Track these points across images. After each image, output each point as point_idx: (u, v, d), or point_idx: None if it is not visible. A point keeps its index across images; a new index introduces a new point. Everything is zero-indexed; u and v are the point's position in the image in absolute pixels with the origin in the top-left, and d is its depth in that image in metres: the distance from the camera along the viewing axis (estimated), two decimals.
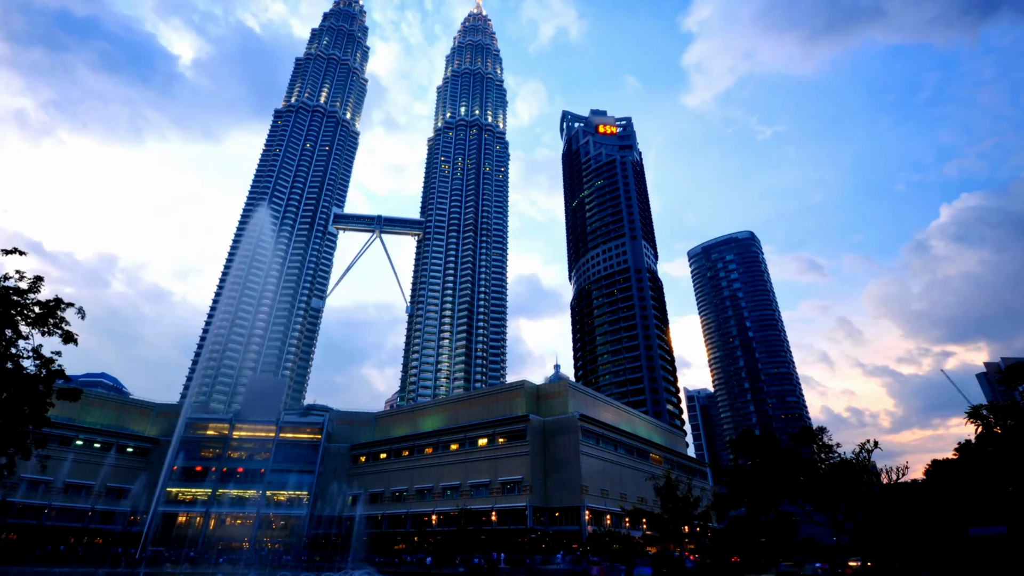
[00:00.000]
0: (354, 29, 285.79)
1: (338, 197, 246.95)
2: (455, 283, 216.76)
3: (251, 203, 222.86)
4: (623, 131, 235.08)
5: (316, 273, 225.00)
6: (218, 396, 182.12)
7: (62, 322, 27.03)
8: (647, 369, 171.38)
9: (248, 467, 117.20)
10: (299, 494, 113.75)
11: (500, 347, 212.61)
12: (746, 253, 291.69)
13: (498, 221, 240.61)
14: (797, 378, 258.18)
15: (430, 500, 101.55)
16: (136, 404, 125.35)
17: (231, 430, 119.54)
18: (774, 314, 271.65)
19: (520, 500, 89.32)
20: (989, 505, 47.53)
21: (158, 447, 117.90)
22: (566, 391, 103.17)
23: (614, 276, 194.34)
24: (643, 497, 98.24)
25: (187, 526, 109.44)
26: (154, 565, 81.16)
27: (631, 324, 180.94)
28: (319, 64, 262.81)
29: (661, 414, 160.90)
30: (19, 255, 26.33)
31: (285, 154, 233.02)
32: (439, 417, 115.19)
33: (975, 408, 48.78)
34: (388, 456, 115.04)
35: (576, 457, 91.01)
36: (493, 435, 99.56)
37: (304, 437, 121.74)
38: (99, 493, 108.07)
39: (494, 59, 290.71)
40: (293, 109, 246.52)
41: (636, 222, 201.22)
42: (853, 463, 59.60)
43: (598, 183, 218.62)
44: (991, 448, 47.77)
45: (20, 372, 26.55)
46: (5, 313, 25.71)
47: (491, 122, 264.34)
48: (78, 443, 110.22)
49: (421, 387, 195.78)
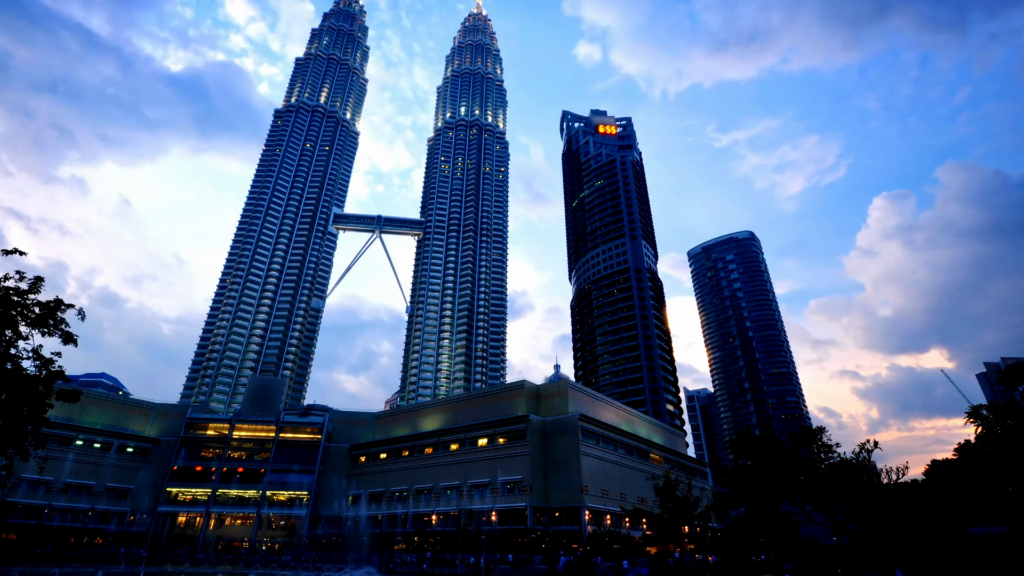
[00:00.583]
0: (354, 29, 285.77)
1: (338, 197, 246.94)
2: (455, 283, 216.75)
3: (251, 203, 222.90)
4: (623, 131, 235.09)
5: (316, 273, 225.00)
6: (218, 396, 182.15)
7: (62, 323, 27.02)
8: (647, 369, 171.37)
9: (248, 467, 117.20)
10: (299, 494, 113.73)
11: (500, 347, 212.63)
12: (746, 253, 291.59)
13: (498, 221, 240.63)
14: (797, 378, 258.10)
15: (430, 500, 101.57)
16: (136, 404, 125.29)
17: (231, 430, 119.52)
18: (774, 314, 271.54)
19: (520, 500, 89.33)
20: (989, 505, 47.55)
21: (158, 447, 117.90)
22: (566, 391, 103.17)
23: (614, 276, 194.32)
24: (643, 497, 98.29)
25: (187, 526, 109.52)
26: (154, 565, 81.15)
27: (631, 324, 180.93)
28: (319, 64, 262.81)
29: (661, 414, 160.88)
30: (19, 255, 26.37)
31: (285, 154, 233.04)
32: (439, 417, 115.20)
33: (975, 408, 48.78)
34: (388, 456, 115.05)
35: (576, 457, 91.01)
36: (493, 435, 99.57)
37: (304, 437, 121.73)
38: (99, 493, 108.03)
39: (494, 59, 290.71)
40: (293, 109, 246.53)
41: (636, 222, 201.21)
42: (853, 463, 59.59)
43: (598, 183, 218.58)
44: (991, 448, 47.76)
45: (20, 372, 26.55)
46: (5, 313, 25.71)
47: (491, 122, 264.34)
48: (78, 443, 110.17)
49: (421, 387, 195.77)
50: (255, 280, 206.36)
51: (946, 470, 57.25)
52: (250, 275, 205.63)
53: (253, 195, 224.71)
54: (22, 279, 26.33)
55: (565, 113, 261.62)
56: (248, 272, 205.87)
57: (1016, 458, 43.96)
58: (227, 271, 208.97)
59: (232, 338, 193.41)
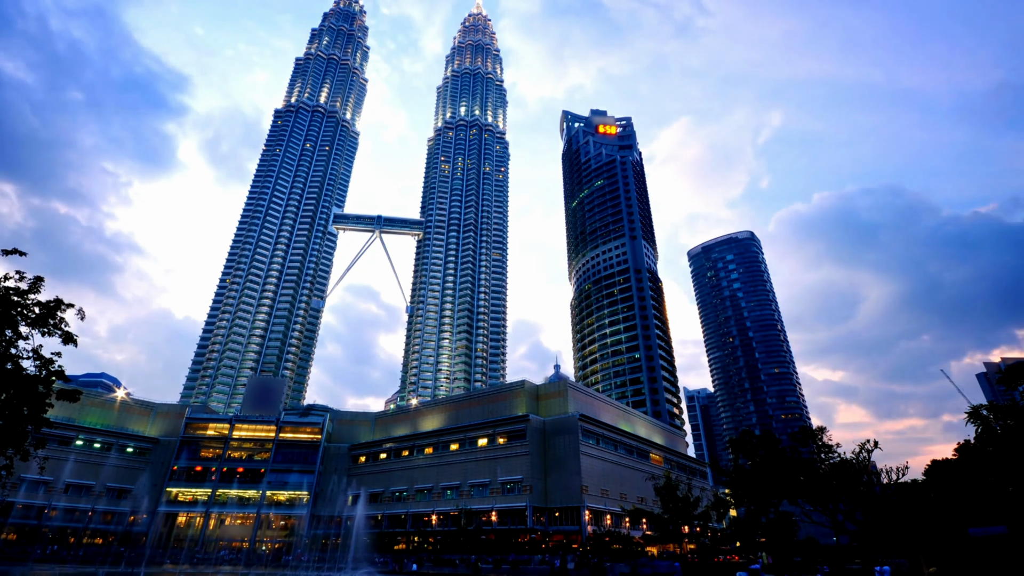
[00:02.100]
0: (354, 29, 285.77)
1: (338, 197, 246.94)
2: (455, 283, 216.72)
3: (251, 202, 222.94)
4: (623, 131, 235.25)
5: (316, 273, 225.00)
6: (218, 396, 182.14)
7: (62, 323, 27.01)
8: (647, 369, 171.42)
9: (248, 467, 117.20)
10: (299, 494, 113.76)
11: (500, 347, 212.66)
12: (746, 253, 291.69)
13: (498, 221, 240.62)
14: (797, 378, 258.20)
15: (430, 500, 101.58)
16: (136, 404, 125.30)
17: (231, 430, 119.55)
18: (774, 314, 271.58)
19: (520, 500, 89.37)
20: (989, 505, 47.52)
21: (158, 447, 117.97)
22: (566, 391, 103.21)
23: (614, 276, 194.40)
24: (643, 497, 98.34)
25: (187, 526, 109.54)
26: (154, 565, 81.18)
27: (631, 324, 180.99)
28: (319, 64, 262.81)
29: (661, 414, 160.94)
30: (19, 255, 26.36)
31: (285, 154, 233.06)
32: (439, 417, 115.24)
33: (975, 408, 48.74)
34: (388, 456, 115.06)
35: (576, 457, 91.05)
36: (493, 435, 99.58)
37: (304, 437, 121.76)
38: (99, 493, 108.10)
39: (494, 59, 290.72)
40: (293, 109, 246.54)
41: (636, 222, 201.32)
42: (853, 463, 59.56)
43: (598, 183, 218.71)
44: (991, 448, 47.74)
45: (20, 372, 26.55)
46: (5, 313, 25.70)
47: (491, 122, 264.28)
48: (78, 443, 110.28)
49: (421, 387, 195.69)
50: (255, 280, 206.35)
51: (946, 470, 57.23)
52: (250, 275, 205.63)
53: (253, 195, 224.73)
54: (22, 279, 26.32)
55: (565, 113, 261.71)
56: (248, 272, 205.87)
57: (1016, 458, 43.96)
58: (227, 271, 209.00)
59: (232, 338, 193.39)
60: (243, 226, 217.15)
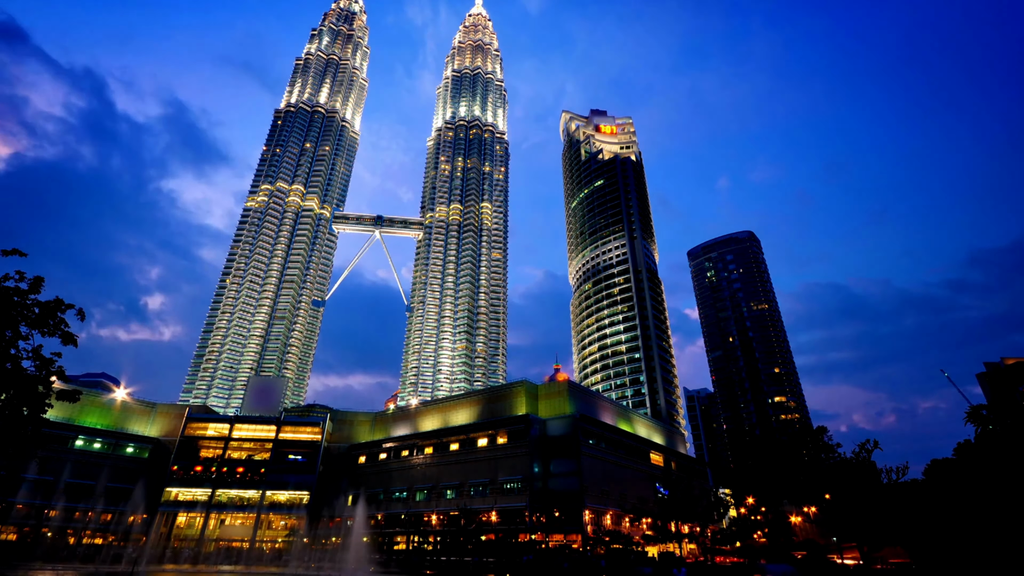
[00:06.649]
0: (354, 29, 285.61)
1: (338, 197, 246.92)
2: (455, 283, 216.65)
3: (251, 202, 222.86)
4: (623, 131, 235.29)
5: (316, 273, 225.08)
6: (218, 396, 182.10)
7: (62, 323, 26.94)
8: (647, 369, 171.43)
9: (248, 467, 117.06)
10: (299, 494, 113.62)
11: (500, 347, 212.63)
12: (746, 253, 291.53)
13: (498, 221, 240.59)
14: (797, 378, 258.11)
15: (430, 500, 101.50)
16: (136, 404, 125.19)
17: (231, 430, 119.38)
18: (774, 314, 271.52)
19: (520, 500, 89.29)
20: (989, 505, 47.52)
21: (158, 447, 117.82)
22: (565, 391, 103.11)
23: (614, 275, 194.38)
24: (643, 497, 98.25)
25: (187, 526, 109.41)
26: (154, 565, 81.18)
27: (631, 323, 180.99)
28: (319, 64, 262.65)
29: (661, 414, 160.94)
30: (19, 255, 26.30)
31: (285, 154, 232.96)
32: (439, 417, 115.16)
33: (975, 408, 48.77)
34: (388, 456, 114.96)
35: (576, 457, 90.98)
36: (493, 435, 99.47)
37: (304, 437, 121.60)
38: (99, 494, 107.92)
39: (493, 59, 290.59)
40: (293, 109, 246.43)
41: (636, 221, 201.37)
42: (853, 463, 59.65)
43: (598, 182, 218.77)
44: (991, 448, 47.76)
45: (20, 372, 26.49)
46: (5, 313, 25.65)
47: (491, 121, 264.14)
48: (78, 444, 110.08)
49: (421, 387, 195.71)
50: (255, 280, 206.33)
51: (946, 470, 57.26)
52: (250, 275, 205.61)
53: (253, 194, 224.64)
54: (22, 279, 26.27)
55: (565, 112, 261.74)
56: (248, 272, 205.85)
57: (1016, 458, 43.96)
58: (227, 271, 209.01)
59: (232, 338, 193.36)
60: (243, 225, 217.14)
